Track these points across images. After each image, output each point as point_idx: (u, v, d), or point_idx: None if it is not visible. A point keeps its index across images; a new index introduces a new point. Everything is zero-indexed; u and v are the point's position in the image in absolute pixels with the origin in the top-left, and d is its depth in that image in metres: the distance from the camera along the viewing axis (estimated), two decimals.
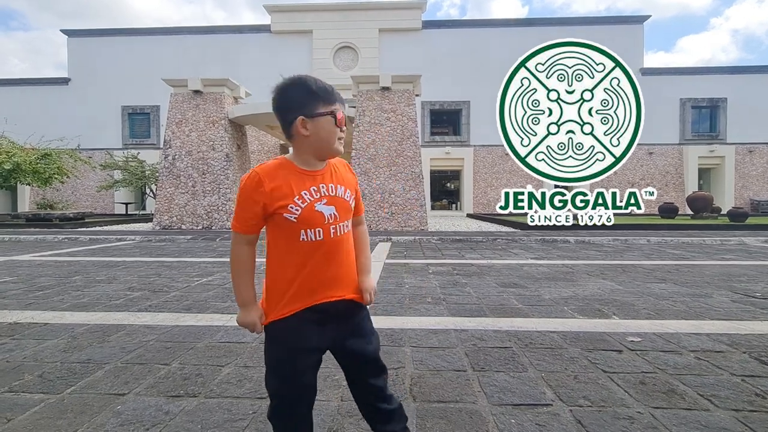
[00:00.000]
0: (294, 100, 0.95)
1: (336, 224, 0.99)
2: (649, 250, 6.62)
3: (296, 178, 0.97)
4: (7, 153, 12.15)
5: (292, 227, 0.96)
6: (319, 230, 0.97)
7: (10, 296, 3.33)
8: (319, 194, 0.98)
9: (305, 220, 0.95)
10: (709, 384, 1.69)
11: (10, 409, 1.49)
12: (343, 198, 1.02)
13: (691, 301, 3.16)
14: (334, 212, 0.99)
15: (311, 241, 0.97)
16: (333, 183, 1.01)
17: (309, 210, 0.96)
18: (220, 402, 1.54)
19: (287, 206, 0.94)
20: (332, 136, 0.97)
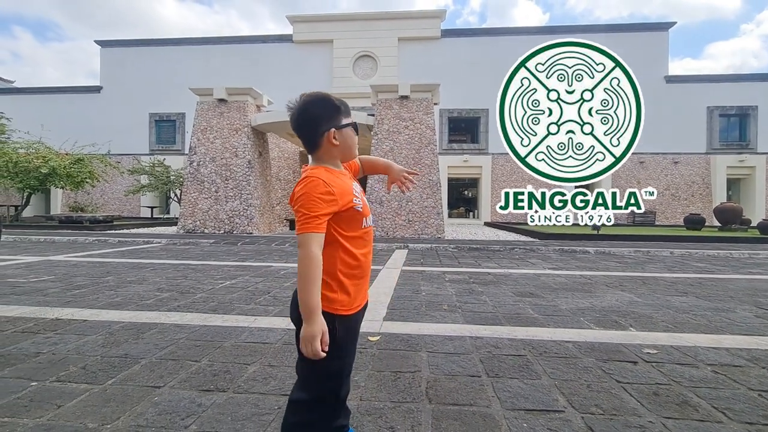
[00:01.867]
0: (323, 115, 1.09)
1: (369, 215, 1.18)
2: (672, 262, 6.48)
3: (342, 178, 1.11)
4: (43, 158, 12.81)
5: (358, 217, 1.11)
6: (370, 216, 1.17)
7: (50, 294, 3.56)
8: (358, 189, 1.14)
9: (366, 209, 1.14)
10: (725, 397, 1.70)
11: (59, 397, 1.63)
12: (363, 193, 1.18)
13: (712, 315, 3.12)
14: (366, 203, 1.16)
15: (368, 226, 1.15)
16: (356, 182, 1.18)
17: (363, 201, 1.14)
18: (248, 397, 1.65)
19: (352, 200, 1.08)
20: (355, 142, 1.15)
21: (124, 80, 22.02)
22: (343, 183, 1.09)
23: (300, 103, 1.09)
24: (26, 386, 1.72)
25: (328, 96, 1.10)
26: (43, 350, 2.16)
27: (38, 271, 4.77)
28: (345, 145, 1.12)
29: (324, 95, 1.10)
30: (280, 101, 14.49)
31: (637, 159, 19.67)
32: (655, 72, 19.82)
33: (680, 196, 19.60)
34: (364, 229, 1.13)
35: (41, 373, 1.86)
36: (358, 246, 1.12)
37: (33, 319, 2.74)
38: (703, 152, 19.65)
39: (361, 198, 1.13)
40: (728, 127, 20.08)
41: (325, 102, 1.09)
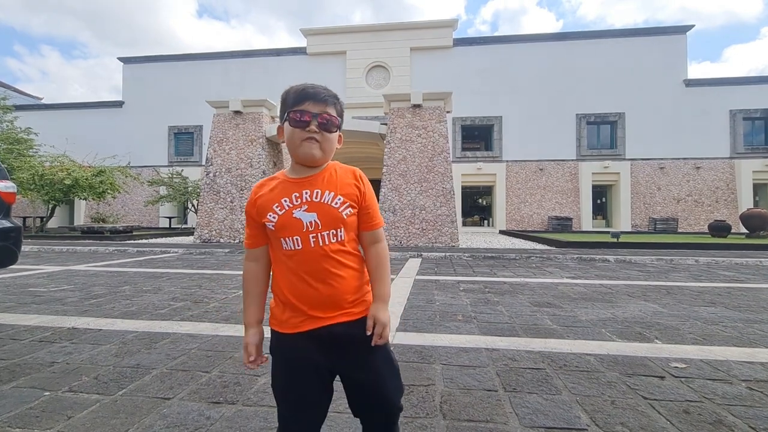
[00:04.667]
0: (280, 112, 1.00)
1: (318, 232, 0.93)
2: (698, 271, 6.22)
3: (282, 187, 0.97)
4: (67, 170, 13.24)
5: (274, 235, 0.95)
6: (296, 238, 0.92)
7: (68, 303, 3.62)
8: (300, 200, 0.94)
9: (282, 227, 0.93)
10: (763, 416, 1.58)
11: (71, 407, 1.63)
12: (330, 204, 0.94)
13: (744, 327, 2.95)
14: (314, 219, 0.93)
15: (291, 249, 0.93)
16: (320, 188, 0.96)
17: (286, 217, 0.93)
18: (257, 410, 1.61)
19: (267, 214, 0.94)
20: (294, 138, 0.94)
21: (145, 95, 22.74)
22: (272, 193, 0.96)
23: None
24: (39, 396, 1.73)
25: (290, 87, 0.98)
26: (58, 360, 2.17)
27: (59, 281, 4.87)
28: (287, 143, 0.97)
29: (289, 87, 0.99)
30: None
31: (657, 165, 19.19)
32: (674, 76, 19.41)
33: (703, 202, 18.97)
34: (287, 252, 0.93)
35: (55, 383, 1.86)
36: (281, 274, 0.96)
37: (51, 328, 2.78)
38: (726, 157, 19.03)
39: (287, 212, 0.93)
40: (753, 130, 19.42)
41: (282, 95, 0.99)
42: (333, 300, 0.94)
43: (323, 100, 0.95)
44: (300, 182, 0.97)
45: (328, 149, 0.97)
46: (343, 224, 0.95)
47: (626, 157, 19.38)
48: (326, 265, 0.93)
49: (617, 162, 19.29)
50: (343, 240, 0.96)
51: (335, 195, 0.96)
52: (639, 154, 19.31)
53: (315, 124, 0.93)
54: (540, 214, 19.67)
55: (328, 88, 0.97)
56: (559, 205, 19.60)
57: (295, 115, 0.93)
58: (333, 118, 0.96)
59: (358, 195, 0.99)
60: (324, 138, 0.95)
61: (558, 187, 19.70)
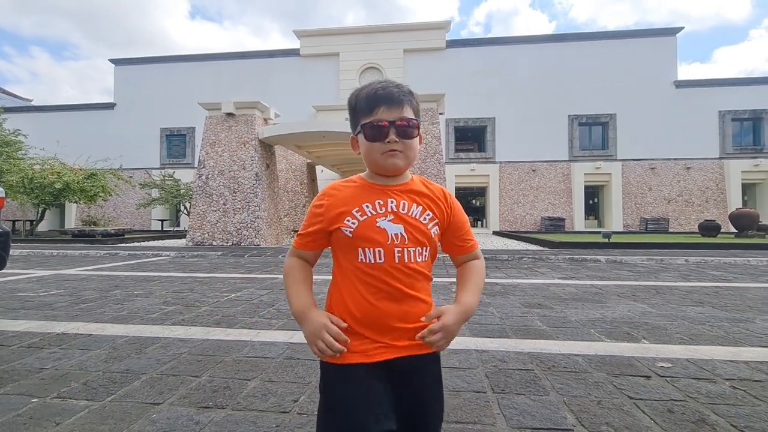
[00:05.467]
0: (350, 119, 0.90)
1: (404, 247, 0.83)
2: (687, 270, 6.31)
3: (362, 191, 0.87)
4: (58, 173, 13.10)
5: (349, 244, 0.84)
6: (379, 250, 0.82)
7: (58, 308, 3.59)
8: (384, 209, 0.84)
9: (363, 236, 0.82)
10: (744, 415, 1.61)
11: (59, 414, 1.62)
12: (417, 219, 0.86)
13: (730, 326, 3.01)
14: (401, 232, 0.83)
15: (371, 263, 0.82)
16: (406, 200, 0.86)
17: (369, 224, 0.83)
18: (246, 414, 1.62)
19: (344, 219, 0.84)
20: (373, 152, 0.85)
21: (136, 96, 22.59)
22: (350, 194, 0.87)
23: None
24: (27, 403, 1.72)
25: (356, 92, 0.88)
26: (47, 365, 2.16)
27: (48, 285, 4.83)
28: (364, 155, 0.87)
29: (354, 92, 0.89)
30: (288, 114, 14.79)
31: (648, 165, 19.43)
32: (664, 77, 19.68)
33: (694, 202, 19.24)
34: (363, 265, 0.82)
35: (43, 390, 1.85)
36: (351, 289, 0.84)
37: (39, 334, 2.75)
38: (716, 157, 19.33)
39: (369, 219, 0.83)
40: (741, 131, 19.76)
41: (349, 102, 0.90)
42: (410, 327, 0.83)
43: (398, 101, 0.83)
44: (384, 189, 0.87)
45: (412, 156, 0.87)
46: (428, 243, 0.86)
47: (618, 157, 19.60)
48: (408, 286, 0.83)
49: (609, 163, 19.51)
50: (427, 261, 0.88)
51: (423, 209, 0.87)
52: (630, 154, 19.54)
53: (393, 133, 0.82)
54: (533, 214, 19.82)
55: (400, 85, 0.86)
56: (551, 206, 19.77)
57: (371, 127, 0.83)
58: (412, 122, 0.85)
59: (445, 214, 0.91)
60: (406, 146, 0.84)
61: (551, 188, 19.87)
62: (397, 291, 0.82)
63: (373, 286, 0.82)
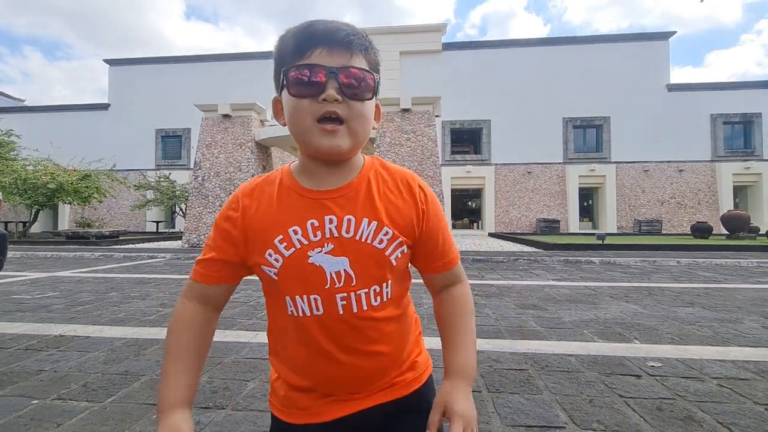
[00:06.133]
0: (274, 72, 0.60)
1: (350, 291, 0.57)
2: (679, 272, 6.40)
3: (289, 204, 0.59)
4: (51, 174, 13.01)
5: (274, 289, 0.59)
6: (315, 298, 0.56)
7: (55, 310, 3.59)
8: (319, 234, 0.57)
9: (290, 279, 0.57)
10: (730, 412, 1.67)
11: (60, 415, 1.64)
12: (370, 243, 0.57)
13: (719, 326, 3.07)
14: (345, 268, 0.57)
15: (305, 316, 0.57)
16: (353, 213, 0.57)
17: (297, 262, 0.56)
18: (246, 414, 1.65)
19: (266, 252, 0.57)
20: (301, 116, 0.55)
21: (131, 97, 22.48)
22: (273, 211, 0.58)
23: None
24: (27, 404, 1.73)
25: (288, 29, 0.58)
26: (46, 368, 2.17)
27: (44, 288, 4.81)
28: (290, 123, 0.57)
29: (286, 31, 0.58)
30: None
31: (641, 168, 19.63)
32: (657, 81, 19.91)
33: (686, 204, 19.46)
34: (294, 320, 0.58)
35: (43, 391, 1.87)
36: (284, 347, 0.62)
37: (37, 336, 2.76)
38: (708, 160, 19.57)
39: (298, 252, 0.56)
40: (732, 134, 20.03)
41: (275, 46, 0.60)
42: (371, 377, 0.61)
43: (346, 42, 0.54)
44: (319, 198, 0.58)
45: (362, 131, 0.56)
46: (391, 274, 0.59)
47: (612, 160, 19.79)
48: (363, 339, 0.59)
49: (603, 165, 19.68)
50: (391, 297, 0.60)
51: (380, 225, 0.58)
52: (624, 157, 19.73)
53: (334, 86, 0.53)
54: (528, 216, 19.95)
55: (351, 25, 0.57)
56: (546, 208, 19.90)
57: (298, 75, 0.53)
58: (366, 75, 0.55)
59: (417, 219, 0.61)
60: (352, 112, 0.54)
61: (546, 190, 20.01)
62: (350, 351, 0.58)
63: (312, 346, 0.58)
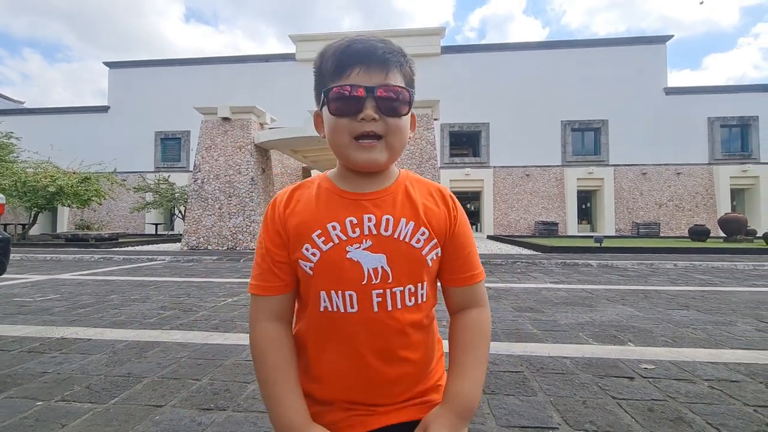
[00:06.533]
0: (315, 88, 0.64)
1: (386, 288, 0.58)
2: (675, 275, 6.45)
3: (326, 201, 0.61)
4: (51, 177, 13.04)
5: (308, 284, 0.60)
6: (350, 295, 0.57)
7: (56, 313, 3.62)
8: (358, 230, 0.58)
9: (327, 274, 0.58)
10: (719, 413, 1.71)
11: (64, 416, 1.67)
12: (408, 242, 0.59)
13: (713, 329, 3.12)
14: (383, 265, 0.58)
15: (339, 312, 0.58)
16: (391, 213, 0.60)
17: (335, 256, 0.58)
18: (247, 416, 1.68)
19: (303, 246, 0.58)
20: (340, 133, 0.58)
21: (131, 100, 22.54)
22: (312, 208, 0.61)
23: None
24: (32, 406, 1.76)
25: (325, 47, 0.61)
26: (49, 370, 2.20)
27: (44, 290, 4.84)
28: (329, 139, 0.60)
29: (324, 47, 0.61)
30: (284, 118, 14.86)
31: (639, 170, 19.72)
32: (654, 84, 20.04)
33: (684, 207, 19.55)
34: (326, 316, 0.59)
35: (47, 393, 1.90)
36: (312, 348, 0.62)
37: (39, 339, 2.79)
38: (705, 163, 19.67)
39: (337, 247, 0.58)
40: (730, 137, 20.15)
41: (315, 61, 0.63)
42: (396, 386, 0.61)
43: (383, 61, 0.56)
44: (358, 199, 0.61)
45: (398, 144, 0.59)
46: (426, 274, 0.61)
47: (610, 163, 19.88)
48: (394, 342, 0.59)
49: (601, 168, 19.77)
50: (424, 302, 0.62)
51: (417, 225, 0.60)
52: (622, 160, 19.83)
53: (372, 105, 0.56)
54: (527, 219, 20.01)
55: (388, 41, 0.58)
56: (545, 210, 19.97)
57: (338, 94, 0.56)
58: (401, 92, 0.58)
59: (449, 225, 0.63)
60: (389, 128, 0.57)
61: (544, 193, 20.08)
62: (378, 353, 0.58)
63: (342, 346, 0.59)
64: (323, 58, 0.60)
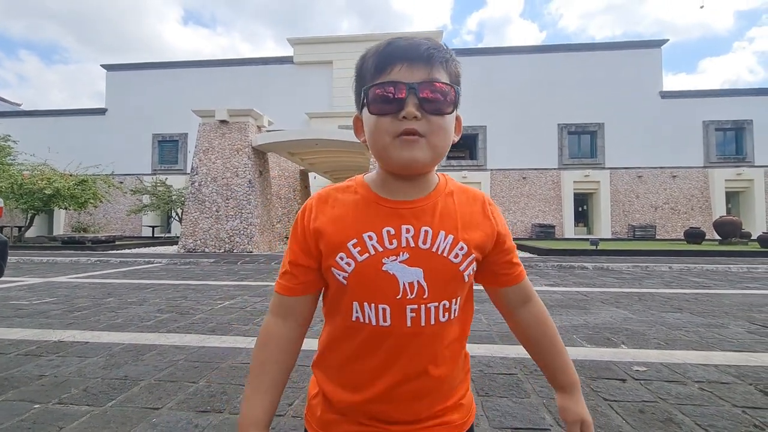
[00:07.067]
0: (355, 91, 0.62)
1: (421, 304, 0.56)
2: (670, 277, 6.50)
3: (363, 209, 0.59)
4: (48, 179, 13.01)
5: (341, 293, 0.58)
6: (384, 308, 0.56)
7: (52, 316, 3.62)
8: (396, 242, 0.56)
9: (361, 285, 0.56)
10: (709, 414, 1.74)
11: (61, 419, 1.69)
12: (446, 256, 0.57)
13: (705, 331, 3.15)
14: (419, 279, 0.56)
15: (371, 325, 0.56)
16: (430, 225, 0.57)
17: (371, 268, 0.56)
18: None
19: (337, 255, 0.57)
20: (381, 133, 0.55)
21: (128, 102, 22.51)
22: (348, 215, 0.59)
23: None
24: (29, 408, 1.78)
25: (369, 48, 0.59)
26: (46, 373, 2.21)
27: (41, 293, 4.83)
28: (369, 139, 0.59)
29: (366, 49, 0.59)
30: (281, 121, 14.89)
31: (635, 173, 19.84)
32: (650, 88, 20.18)
33: (680, 209, 19.66)
34: (358, 327, 0.57)
35: (44, 396, 1.91)
36: (340, 358, 0.60)
37: (36, 342, 2.80)
38: (700, 166, 19.81)
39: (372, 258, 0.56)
40: (724, 141, 20.29)
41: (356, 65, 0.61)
42: (419, 402, 0.58)
43: (426, 57, 0.55)
44: (396, 208, 0.58)
45: (442, 145, 0.57)
46: (461, 290, 0.60)
47: (606, 166, 19.98)
48: (423, 356, 0.57)
49: (597, 171, 19.87)
50: (458, 316, 0.60)
51: (456, 239, 0.58)
52: (618, 163, 19.94)
53: (414, 103, 0.53)
54: (524, 221, 20.07)
55: (432, 38, 0.58)
56: (542, 213, 20.04)
57: (378, 92, 0.54)
58: (446, 88, 0.56)
59: (489, 237, 0.61)
60: (432, 126, 0.55)
61: (541, 195, 20.16)
62: (408, 369, 0.57)
63: (370, 356, 0.57)
64: (364, 59, 0.58)
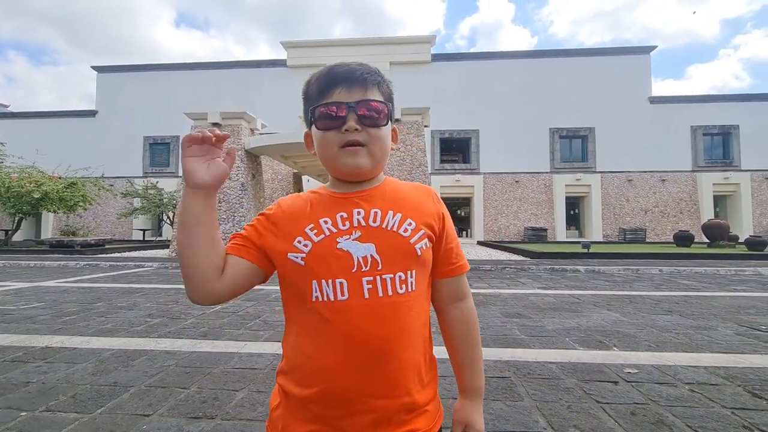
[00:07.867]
0: (303, 112, 0.70)
1: (376, 275, 0.59)
2: (660, 280, 6.58)
3: (321, 204, 0.66)
4: (36, 182, 12.80)
5: (300, 276, 0.61)
6: (341, 282, 0.59)
7: (40, 321, 3.55)
8: (348, 223, 0.62)
9: (317, 264, 0.60)
10: (699, 416, 1.76)
11: (49, 427, 1.65)
12: (396, 231, 0.62)
13: (694, 333, 3.20)
14: (372, 254, 0.60)
15: (330, 301, 0.59)
16: (380, 207, 0.64)
17: (326, 247, 0.60)
18: (235, 424, 1.68)
19: (295, 240, 0.61)
20: (328, 146, 0.64)
21: (119, 104, 22.28)
22: (306, 209, 0.65)
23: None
24: (16, 416, 1.74)
25: (312, 74, 0.68)
26: (33, 379, 2.17)
27: (28, 298, 4.74)
28: (319, 152, 0.67)
29: (310, 75, 0.68)
30: (274, 124, 14.79)
31: (625, 177, 20.10)
32: (639, 93, 20.50)
33: (669, 213, 19.94)
34: (317, 306, 0.59)
35: (31, 403, 1.87)
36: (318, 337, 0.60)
37: (23, 348, 2.74)
38: (689, 170, 20.13)
39: (328, 238, 0.61)
40: (712, 145, 20.66)
41: (303, 89, 0.70)
42: (382, 388, 0.59)
43: (361, 80, 0.64)
44: (348, 197, 0.66)
45: (380, 152, 0.65)
46: (416, 264, 0.63)
47: (597, 169, 20.22)
48: (391, 333, 0.59)
49: (588, 174, 20.09)
50: (415, 291, 0.62)
51: (404, 216, 0.63)
52: (609, 167, 20.19)
53: (353, 118, 0.62)
54: (516, 225, 20.20)
55: (365, 64, 0.67)
56: (534, 216, 20.19)
57: (323, 112, 0.63)
58: (379, 106, 0.64)
59: (436, 220, 0.67)
60: (371, 137, 0.63)
61: (533, 199, 20.32)
62: (372, 344, 0.58)
63: (336, 338, 0.58)
64: (308, 84, 0.68)
